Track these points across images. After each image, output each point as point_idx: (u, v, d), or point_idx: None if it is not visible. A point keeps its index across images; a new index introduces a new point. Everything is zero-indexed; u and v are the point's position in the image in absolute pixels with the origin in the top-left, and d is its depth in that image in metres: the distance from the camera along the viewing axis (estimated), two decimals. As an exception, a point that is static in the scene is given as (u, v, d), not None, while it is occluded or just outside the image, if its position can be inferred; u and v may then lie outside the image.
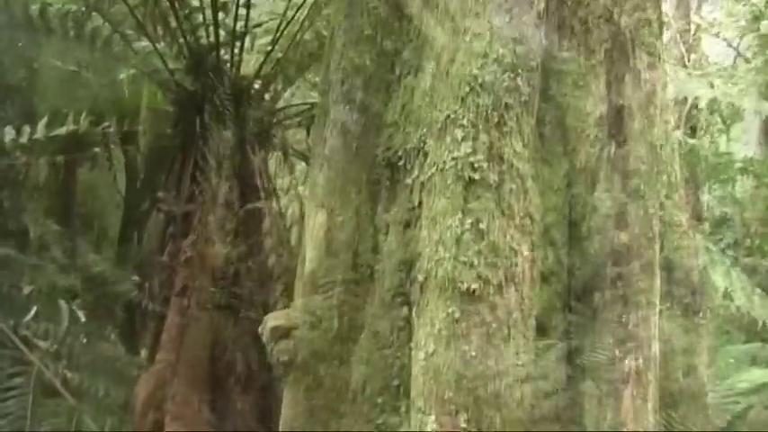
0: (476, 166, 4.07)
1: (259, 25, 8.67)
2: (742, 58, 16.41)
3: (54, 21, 8.60)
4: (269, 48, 8.53)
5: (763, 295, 8.81)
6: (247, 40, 8.50)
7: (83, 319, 7.18)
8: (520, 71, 4.21)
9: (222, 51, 8.29)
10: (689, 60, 12.59)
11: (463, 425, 3.90)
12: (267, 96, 8.92)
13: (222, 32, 8.18)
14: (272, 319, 4.67)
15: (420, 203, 4.25)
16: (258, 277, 7.87)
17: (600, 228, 4.41)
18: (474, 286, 3.98)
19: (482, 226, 4.04)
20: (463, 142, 4.10)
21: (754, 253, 15.04)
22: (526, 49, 4.26)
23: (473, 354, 3.96)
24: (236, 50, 8.33)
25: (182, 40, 8.29)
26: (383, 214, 4.50)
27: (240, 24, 8.15)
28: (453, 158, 4.10)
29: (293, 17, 8.41)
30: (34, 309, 6.83)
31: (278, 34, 8.41)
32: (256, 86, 8.66)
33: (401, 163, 4.42)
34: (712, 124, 16.19)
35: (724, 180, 14.53)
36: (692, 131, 13.30)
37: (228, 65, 8.36)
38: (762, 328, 9.34)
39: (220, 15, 8.06)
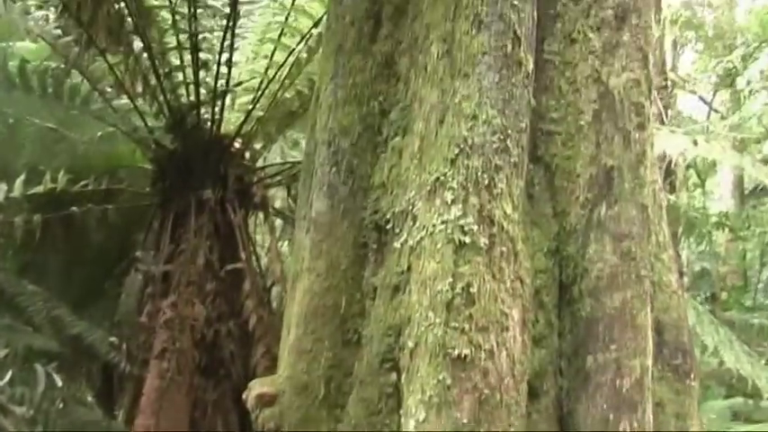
0: (466, 229, 3.99)
1: (240, 84, 8.64)
2: (715, 112, 16.59)
3: (33, 77, 8.57)
4: (250, 106, 8.49)
5: (750, 353, 8.78)
6: (228, 98, 8.46)
7: (59, 383, 7.03)
8: (510, 132, 4.16)
9: (202, 110, 8.24)
10: (667, 117, 12.67)
11: (457, 494, 3.80)
12: (247, 155, 8.87)
13: (203, 91, 8.14)
14: (258, 386, 4.55)
15: (409, 267, 4.15)
16: (239, 339, 7.75)
17: (591, 290, 4.33)
18: (465, 352, 3.88)
19: (473, 290, 3.95)
20: (453, 205, 4.03)
21: (732, 306, 15.10)
22: (515, 110, 4.22)
23: (465, 421, 3.85)
24: (217, 109, 8.28)
25: (162, 98, 8.25)
26: (371, 278, 4.39)
27: (221, 83, 8.11)
28: (443, 222, 4.02)
29: (274, 76, 8.39)
30: (9, 373, 6.69)
31: (259, 93, 8.39)
32: (237, 145, 8.61)
33: (389, 226, 4.33)
34: (688, 179, 16.31)
35: (701, 235, 14.59)
36: (671, 187, 13.35)
37: (209, 123, 8.31)
38: (738, 380, 9.30)
39: (201, 74, 8.03)
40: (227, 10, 7.74)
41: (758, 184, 12.27)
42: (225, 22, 7.79)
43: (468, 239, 3.99)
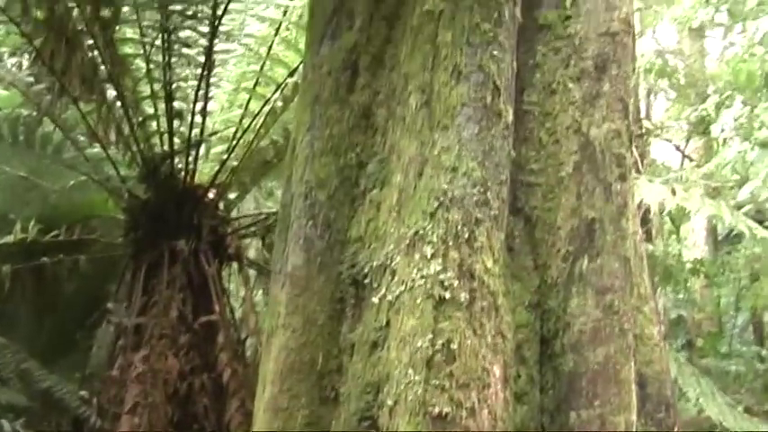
0: (446, 284, 3.91)
1: (215, 133, 8.58)
2: (689, 160, 16.66)
3: (4, 125, 8.48)
4: (224, 156, 8.41)
5: (731, 403, 8.73)
6: (202, 148, 8.39)
7: (27, 439, 6.87)
8: (490, 185, 4.10)
9: (176, 159, 8.15)
10: (642, 165, 12.70)
11: None
12: (221, 205, 8.78)
13: (177, 140, 8.05)
14: (232, 445, 4.43)
15: (388, 323, 4.04)
16: (213, 393, 7.60)
17: (574, 345, 4.25)
18: (446, 410, 3.78)
19: (453, 346, 3.85)
20: (432, 259, 3.94)
21: (708, 353, 15.07)
22: (496, 162, 4.16)
23: (446, 481, 3.76)
24: (191, 159, 8.19)
25: (135, 147, 8.16)
26: (348, 334, 4.28)
27: (195, 132, 8.03)
28: (422, 276, 3.93)
29: (249, 125, 8.33)
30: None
31: (233, 142, 8.31)
32: (211, 195, 8.51)
33: (367, 281, 4.22)
34: (663, 225, 16.35)
35: (677, 282, 14.62)
36: (648, 235, 13.36)
37: (182, 173, 8.22)
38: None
39: (175, 123, 7.95)
40: (202, 59, 7.68)
41: (731, 230, 12.29)
42: (199, 71, 7.72)
43: (448, 295, 3.90)
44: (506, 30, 4.38)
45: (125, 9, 7.49)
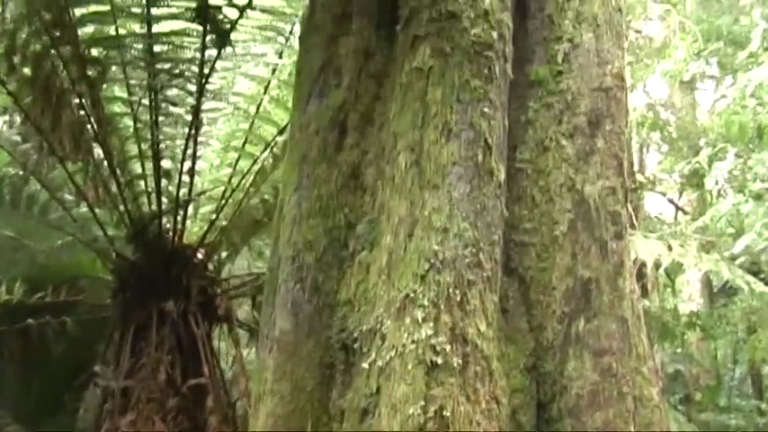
0: (438, 349, 3.78)
1: (203, 193, 8.48)
2: (683, 212, 16.62)
3: (-10, 185, 8.37)
4: (213, 216, 8.31)
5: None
6: (191, 207, 8.28)
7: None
8: (482, 245, 3.99)
9: (164, 219, 8.04)
10: (636, 220, 12.61)
11: None
12: (211, 265, 8.65)
13: (165, 200, 7.95)
14: None
15: (378, 389, 3.90)
16: (202, 457, 7.43)
17: (571, 409, 4.13)
18: (440, 481, 3.65)
19: (446, 413, 3.72)
20: (424, 323, 3.82)
21: (706, 407, 14.89)
22: (488, 222, 4.05)
23: None
24: (179, 218, 8.08)
25: (122, 207, 8.05)
26: (338, 401, 4.13)
27: (183, 192, 7.93)
28: (413, 341, 3.80)
29: (238, 184, 8.23)
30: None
31: (222, 202, 8.21)
32: (200, 255, 8.39)
33: (357, 345, 4.08)
34: (658, 279, 16.25)
35: (674, 337, 14.48)
36: (644, 290, 13.23)
37: (171, 233, 8.10)
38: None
39: (163, 183, 7.85)
40: (190, 117, 7.60)
41: (726, 282, 12.19)
42: (187, 129, 7.63)
43: (440, 360, 3.78)
44: (497, 86, 4.30)
45: (113, 68, 7.42)
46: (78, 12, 6.91)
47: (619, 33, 4.78)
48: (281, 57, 8.13)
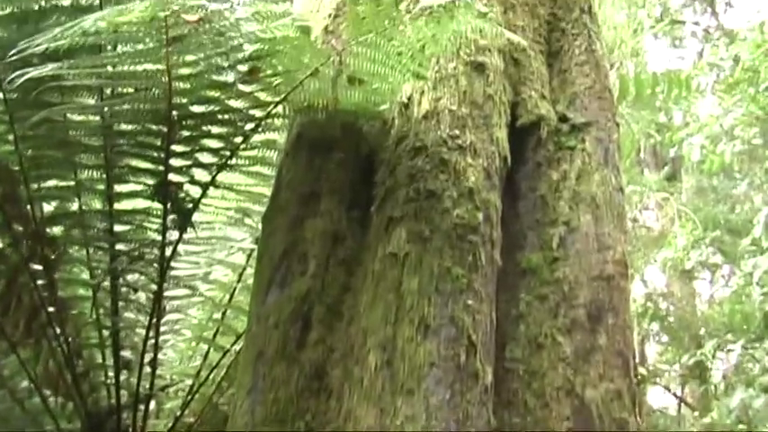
0: None
1: (167, 386, 7.82)
2: (686, 405, 16.31)
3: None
4: (178, 412, 7.64)
5: None
6: (153, 403, 7.61)
7: None
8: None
9: (124, 415, 7.36)
10: (640, 416, 12.07)
11: None
12: (176, 467, 7.92)
13: (125, 393, 7.29)
14: None
15: None
16: None
17: None
18: None
19: None
20: None
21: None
22: (471, 435, 3.43)
23: None
24: (140, 414, 7.39)
25: (77, 399, 7.39)
26: None
27: (145, 385, 7.28)
28: None
29: (207, 377, 7.60)
30: None
31: (189, 397, 7.55)
32: (163, 456, 7.68)
33: None
34: None
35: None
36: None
37: (130, 430, 7.41)
38: None
39: (123, 374, 7.21)
40: (151, 305, 7.03)
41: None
42: (148, 318, 7.06)
43: None
44: (483, 275, 3.78)
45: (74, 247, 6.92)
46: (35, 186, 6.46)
47: (620, 215, 4.29)
48: (257, 243, 7.63)
